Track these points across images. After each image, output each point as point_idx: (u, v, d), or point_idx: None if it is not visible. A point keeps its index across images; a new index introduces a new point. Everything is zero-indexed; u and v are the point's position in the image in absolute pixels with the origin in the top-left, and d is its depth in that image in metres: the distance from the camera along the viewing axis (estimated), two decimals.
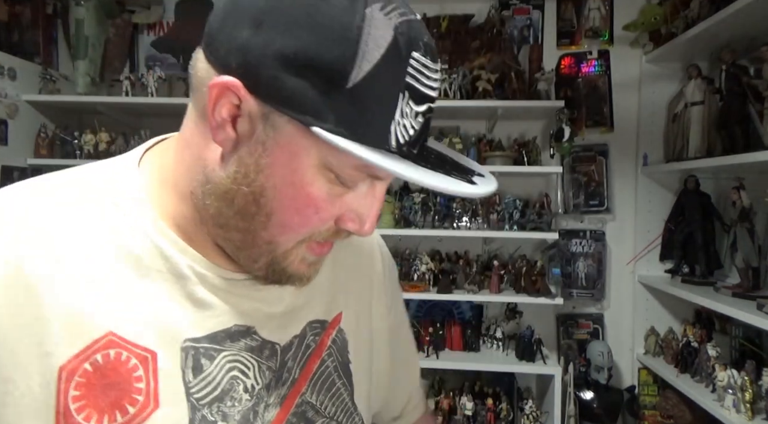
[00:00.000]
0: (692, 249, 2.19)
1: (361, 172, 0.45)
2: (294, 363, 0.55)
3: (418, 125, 0.45)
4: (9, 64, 2.21)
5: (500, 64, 2.27)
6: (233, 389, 0.50)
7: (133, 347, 0.46)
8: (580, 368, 2.31)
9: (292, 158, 0.44)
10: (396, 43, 0.42)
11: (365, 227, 0.48)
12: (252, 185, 0.45)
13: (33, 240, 0.45)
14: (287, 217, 0.46)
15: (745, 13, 1.74)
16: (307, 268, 0.51)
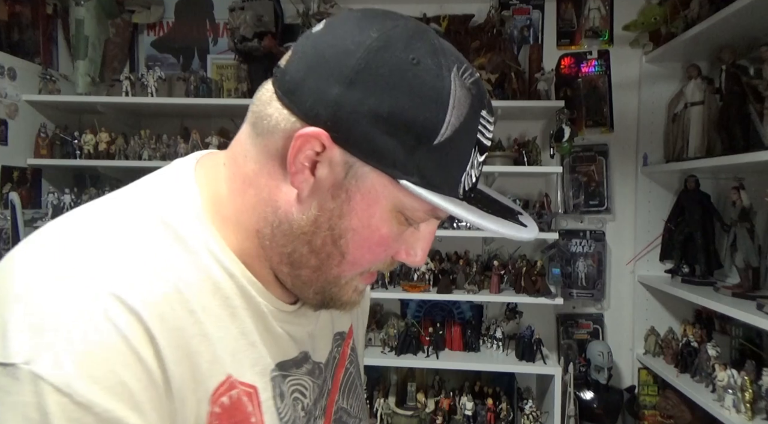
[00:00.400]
0: (692, 249, 2.19)
1: (429, 215, 0.50)
2: (328, 375, 0.61)
3: (478, 173, 0.50)
4: (9, 64, 2.21)
5: (500, 64, 2.27)
6: (296, 409, 0.55)
7: (242, 385, 0.49)
8: (580, 368, 2.31)
9: (371, 204, 0.48)
10: (472, 106, 0.47)
11: (418, 258, 0.53)
12: (334, 229, 0.49)
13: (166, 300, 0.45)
14: (360, 255, 0.50)
15: (745, 13, 1.74)
16: (357, 295, 0.55)
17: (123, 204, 0.50)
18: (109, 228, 0.47)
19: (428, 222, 0.53)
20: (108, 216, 0.49)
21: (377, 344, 2.32)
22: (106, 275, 0.43)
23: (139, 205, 0.50)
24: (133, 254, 0.45)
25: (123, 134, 2.38)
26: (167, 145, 2.34)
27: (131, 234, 0.47)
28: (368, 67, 0.44)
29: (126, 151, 2.34)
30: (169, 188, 0.52)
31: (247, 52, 2.36)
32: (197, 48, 2.64)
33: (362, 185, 0.47)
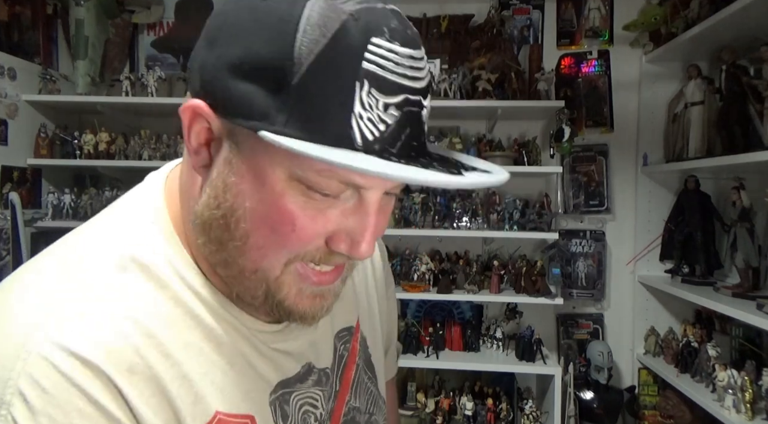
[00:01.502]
0: (692, 249, 2.19)
1: (331, 179, 0.41)
2: (333, 375, 0.57)
3: (392, 119, 0.39)
4: (9, 64, 2.21)
5: (500, 64, 2.27)
6: (306, 422, 0.53)
7: (235, 419, 0.47)
8: (580, 368, 2.31)
9: (258, 173, 0.41)
10: (345, 30, 0.38)
11: (360, 249, 0.44)
12: (222, 207, 0.43)
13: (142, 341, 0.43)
14: (263, 237, 0.43)
15: (745, 13, 1.74)
16: (308, 302, 0.47)
17: (92, 244, 0.47)
18: (74, 274, 0.44)
19: (359, 198, 0.43)
20: (75, 259, 0.46)
21: None
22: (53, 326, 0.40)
23: (108, 244, 0.47)
24: (98, 308, 0.42)
25: (123, 134, 2.38)
26: (167, 145, 2.34)
27: (98, 281, 0.44)
28: (224, 20, 0.41)
29: (126, 151, 2.34)
30: (137, 218, 0.49)
31: None
32: None
33: (243, 152, 0.42)
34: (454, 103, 2.22)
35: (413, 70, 0.41)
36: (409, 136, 0.41)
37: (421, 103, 0.42)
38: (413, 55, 0.41)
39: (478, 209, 2.28)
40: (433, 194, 2.35)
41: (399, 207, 2.30)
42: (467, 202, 2.30)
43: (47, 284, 0.44)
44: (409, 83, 0.40)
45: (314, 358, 0.55)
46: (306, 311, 0.47)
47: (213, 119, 0.42)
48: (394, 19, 0.40)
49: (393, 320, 0.76)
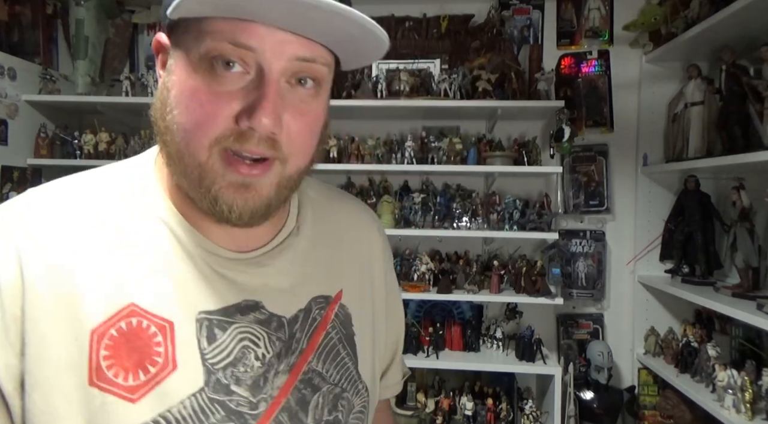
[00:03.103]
0: (692, 249, 2.19)
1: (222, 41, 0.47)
2: (302, 335, 0.59)
3: None
4: (9, 64, 2.21)
5: (500, 64, 2.27)
6: (245, 357, 0.54)
7: (153, 317, 0.52)
8: (580, 368, 2.31)
9: (181, 67, 0.50)
10: None
11: (257, 118, 0.48)
12: (162, 104, 0.52)
13: (70, 228, 0.53)
14: (182, 119, 0.50)
15: (745, 13, 1.74)
16: (236, 193, 0.51)
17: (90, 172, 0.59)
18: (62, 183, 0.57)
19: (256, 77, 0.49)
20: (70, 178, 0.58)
21: None
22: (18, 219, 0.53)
23: (101, 170, 0.59)
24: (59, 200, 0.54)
25: (123, 134, 2.38)
26: None
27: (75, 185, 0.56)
28: None
29: (126, 151, 2.34)
30: (133, 160, 0.61)
31: None
32: None
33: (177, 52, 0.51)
34: (454, 103, 2.22)
35: None
36: None
37: None
38: None
39: (478, 209, 2.28)
40: (433, 194, 2.35)
41: (399, 207, 2.30)
42: (467, 202, 2.30)
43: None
44: None
45: (266, 299, 0.57)
46: (231, 200, 0.51)
47: (165, 41, 0.52)
48: None
49: (398, 329, 0.78)
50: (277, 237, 0.61)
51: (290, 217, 0.64)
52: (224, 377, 0.53)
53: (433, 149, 2.29)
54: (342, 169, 2.36)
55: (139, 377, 0.50)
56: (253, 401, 0.54)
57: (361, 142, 2.30)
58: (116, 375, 0.49)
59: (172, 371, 0.51)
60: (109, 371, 0.49)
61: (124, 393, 0.49)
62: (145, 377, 0.50)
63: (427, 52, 2.42)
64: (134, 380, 0.49)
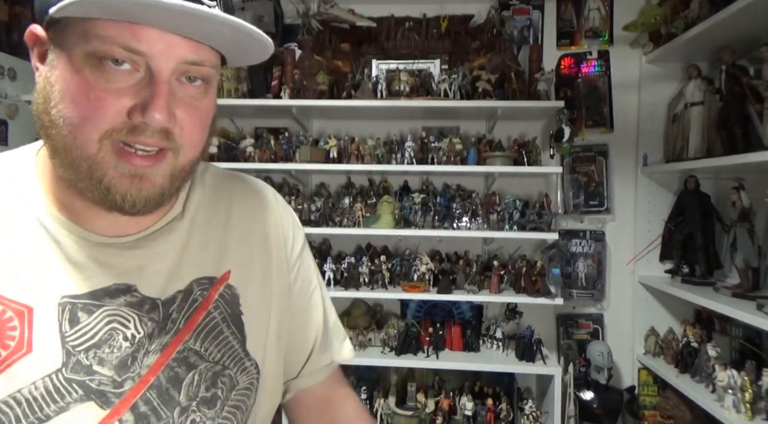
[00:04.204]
0: (692, 249, 2.19)
1: (113, 44, 0.48)
2: (179, 315, 0.60)
3: None
4: (9, 64, 2.21)
5: (500, 65, 2.27)
6: (112, 338, 0.56)
7: (9, 302, 0.53)
8: (580, 368, 2.31)
9: (64, 60, 0.50)
10: None
11: (150, 114, 0.50)
12: (44, 99, 0.52)
13: None
14: (68, 112, 0.50)
15: (745, 13, 1.74)
16: (129, 183, 0.52)
17: None
18: None
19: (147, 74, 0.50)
20: None
21: (377, 344, 2.32)
22: None
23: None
24: None
25: None
26: None
27: None
28: None
29: None
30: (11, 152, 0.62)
31: None
32: None
33: (58, 49, 0.51)
34: (454, 103, 2.22)
35: None
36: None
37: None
38: None
39: (478, 210, 2.28)
40: (433, 195, 2.35)
41: (399, 207, 2.30)
42: (467, 202, 2.30)
43: None
44: None
45: (139, 282, 0.59)
46: (125, 190, 0.53)
47: (42, 34, 0.52)
48: None
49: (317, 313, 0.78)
50: (160, 221, 0.62)
51: (178, 202, 0.65)
52: (85, 359, 0.54)
53: (433, 149, 2.29)
54: (342, 170, 2.36)
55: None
56: (118, 380, 0.55)
57: (361, 143, 2.30)
58: None
59: (26, 353, 0.52)
60: None
61: None
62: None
63: (427, 53, 2.42)
64: None
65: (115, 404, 0.54)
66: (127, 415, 0.55)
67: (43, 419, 0.51)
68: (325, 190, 2.50)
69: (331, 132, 2.44)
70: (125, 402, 0.55)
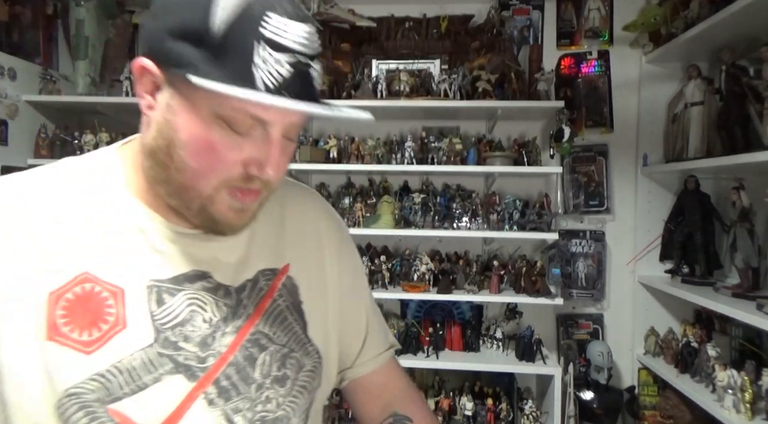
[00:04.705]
0: (692, 249, 2.19)
1: (243, 114, 0.54)
2: (249, 301, 0.67)
3: (285, 70, 0.53)
4: (9, 65, 2.21)
5: (500, 65, 2.27)
6: (193, 319, 0.62)
7: (105, 284, 0.59)
8: (580, 368, 2.31)
9: (190, 113, 0.55)
10: (248, 6, 0.52)
11: (266, 171, 0.57)
12: (165, 139, 0.57)
13: (37, 200, 0.61)
14: (195, 162, 0.56)
15: (745, 14, 1.74)
16: (235, 215, 0.60)
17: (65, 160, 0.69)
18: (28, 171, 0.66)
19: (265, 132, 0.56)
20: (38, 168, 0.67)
21: None
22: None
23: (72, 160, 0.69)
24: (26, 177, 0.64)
25: (123, 134, 2.36)
26: None
27: (40, 170, 0.66)
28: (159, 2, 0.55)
29: None
30: (95, 151, 0.69)
31: None
32: None
33: (179, 97, 0.55)
34: (454, 103, 2.22)
35: (300, 37, 0.54)
36: (299, 85, 0.54)
37: (309, 64, 0.55)
38: (301, 27, 0.54)
39: (478, 210, 2.28)
40: (433, 195, 2.35)
41: (399, 207, 2.30)
42: (467, 202, 2.30)
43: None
44: (297, 47, 0.53)
45: (213, 270, 0.65)
46: (231, 222, 0.61)
47: (156, 73, 0.55)
48: (285, 2, 0.54)
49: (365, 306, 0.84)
50: None
51: None
52: (173, 335, 0.60)
53: (433, 149, 2.29)
54: (342, 170, 2.36)
55: (92, 334, 0.57)
56: (201, 355, 0.61)
57: (361, 143, 2.30)
58: (72, 331, 0.57)
59: (122, 329, 0.58)
60: (65, 327, 0.57)
61: (80, 347, 0.57)
62: (99, 334, 0.57)
63: (427, 53, 2.42)
64: (89, 336, 0.57)
65: (200, 378, 0.60)
66: (210, 388, 0.61)
67: (141, 387, 0.58)
68: (325, 190, 2.50)
69: (331, 132, 2.44)
70: (209, 376, 0.61)
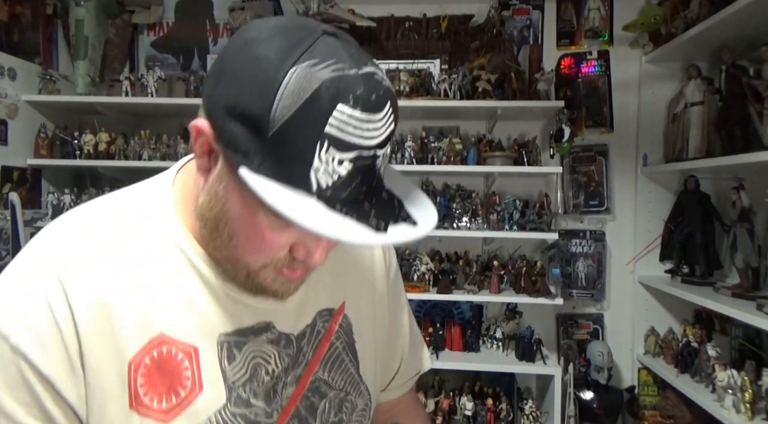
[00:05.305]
0: (692, 249, 2.19)
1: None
2: (308, 347, 0.66)
3: (344, 170, 0.48)
4: (9, 64, 2.21)
5: (500, 65, 2.27)
6: (257, 373, 0.60)
7: (180, 344, 0.57)
8: (580, 368, 2.31)
9: (241, 193, 0.51)
10: (316, 96, 0.46)
11: (314, 258, 0.55)
12: (214, 210, 0.54)
13: (101, 267, 0.56)
14: (242, 241, 0.55)
15: (745, 13, 1.74)
16: (281, 286, 0.59)
17: (109, 201, 0.62)
18: (85, 221, 0.59)
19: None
20: (91, 212, 0.60)
21: None
22: (58, 262, 0.55)
23: (121, 200, 0.62)
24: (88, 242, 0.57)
25: (123, 134, 2.38)
26: (167, 145, 2.34)
27: (99, 223, 0.59)
28: (230, 64, 0.50)
29: (126, 152, 2.34)
30: (151, 187, 0.63)
31: None
32: (197, 48, 2.65)
33: (231, 173, 0.51)
34: (454, 103, 2.22)
35: (370, 130, 0.48)
36: (359, 183, 0.49)
37: (375, 155, 0.50)
38: (371, 119, 0.48)
39: (478, 209, 2.28)
40: (433, 195, 2.35)
41: None
42: (467, 202, 2.30)
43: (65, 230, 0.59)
44: (364, 142, 0.48)
45: (276, 320, 0.63)
46: (278, 290, 0.59)
47: (212, 139, 0.51)
48: (362, 86, 0.47)
49: (403, 335, 0.82)
50: None
51: None
52: (243, 393, 0.59)
53: (432, 149, 2.29)
54: None
55: (171, 400, 0.56)
56: (268, 410, 0.60)
57: None
58: (151, 400, 0.55)
59: (199, 392, 0.57)
60: (145, 397, 0.55)
61: (159, 415, 0.55)
62: (177, 400, 0.56)
63: (427, 52, 2.42)
64: (167, 403, 0.56)
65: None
66: None
67: None
68: None
69: None
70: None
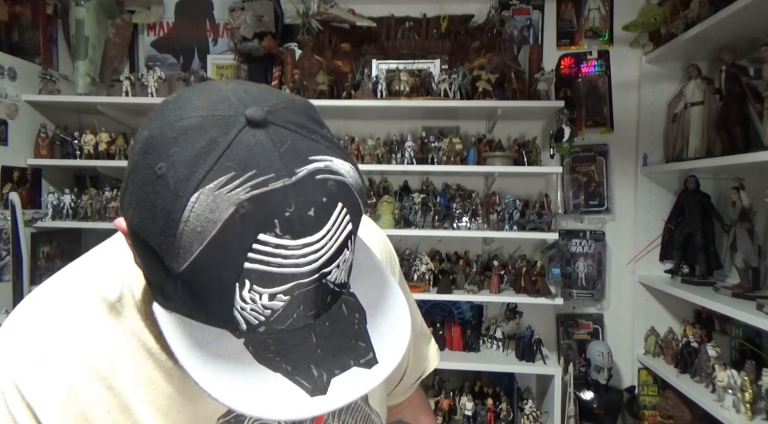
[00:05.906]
0: (692, 249, 2.19)
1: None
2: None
3: (280, 304, 0.40)
4: (9, 64, 2.21)
5: (500, 65, 2.27)
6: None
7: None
8: (580, 368, 2.31)
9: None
10: (227, 228, 0.37)
11: None
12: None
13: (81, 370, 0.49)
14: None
15: (745, 13, 1.74)
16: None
17: (70, 285, 0.53)
18: (44, 313, 0.51)
19: None
20: (51, 300, 0.52)
21: None
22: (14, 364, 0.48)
23: (83, 284, 0.52)
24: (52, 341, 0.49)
25: (123, 134, 2.38)
26: None
27: (65, 317, 0.50)
28: (132, 168, 0.41)
29: (126, 152, 2.34)
30: (111, 265, 0.53)
31: (247, 53, 2.35)
32: (197, 48, 2.65)
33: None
34: (454, 103, 2.22)
35: (307, 256, 0.39)
36: (303, 310, 0.42)
37: (321, 277, 0.41)
38: (308, 242, 0.39)
39: (478, 209, 2.28)
40: (433, 195, 2.35)
41: (399, 207, 2.30)
42: (467, 202, 2.30)
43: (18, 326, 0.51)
44: (301, 270, 0.40)
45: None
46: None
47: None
48: (292, 205, 0.38)
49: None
50: None
51: None
52: None
53: (432, 149, 2.29)
54: None
55: None
56: None
57: (361, 143, 2.30)
58: None
59: None
60: None
61: None
62: None
63: (427, 52, 2.42)
64: None
65: None
66: None
67: None
68: None
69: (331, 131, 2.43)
70: None
